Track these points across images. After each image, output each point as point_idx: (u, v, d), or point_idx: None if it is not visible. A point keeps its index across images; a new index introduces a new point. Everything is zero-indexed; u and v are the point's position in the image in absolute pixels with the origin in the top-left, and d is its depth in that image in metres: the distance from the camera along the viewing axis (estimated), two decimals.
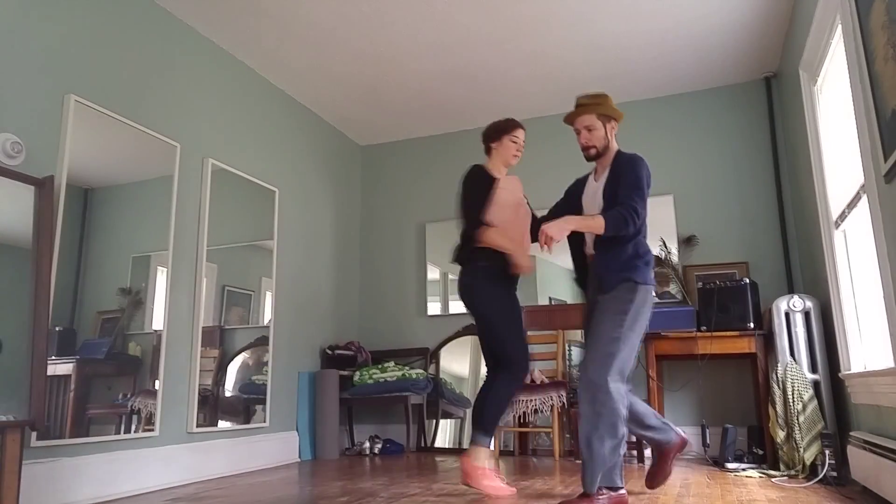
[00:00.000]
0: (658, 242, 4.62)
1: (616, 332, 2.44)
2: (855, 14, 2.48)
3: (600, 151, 2.80)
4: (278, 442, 4.26)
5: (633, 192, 2.56)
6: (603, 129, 2.79)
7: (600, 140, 2.79)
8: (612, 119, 2.80)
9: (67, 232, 2.92)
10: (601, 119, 2.79)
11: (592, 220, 2.51)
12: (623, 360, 2.44)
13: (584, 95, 2.83)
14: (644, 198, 2.57)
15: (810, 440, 3.25)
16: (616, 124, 2.83)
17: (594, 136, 2.79)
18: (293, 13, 3.73)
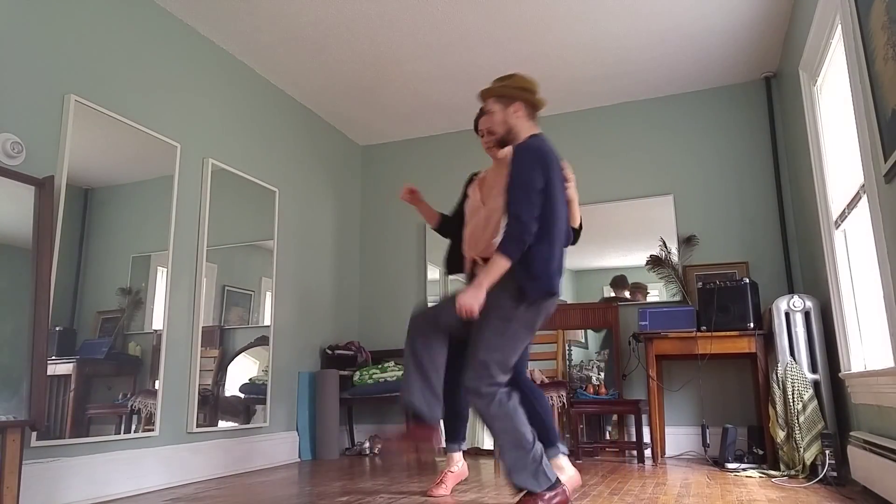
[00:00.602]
0: (658, 242, 4.63)
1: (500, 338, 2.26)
2: (855, 14, 2.48)
3: (503, 136, 2.49)
4: (278, 442, 4.26)
5: (515, 195, 2.26)
6: (502, 112, 2.48)
7: (499, 125, 2.49)
8: (516, 100, 2.45)
9: (67, 232, 2.92)
10: (500, 101, 2.48)
11: (496, 266, 2.23)
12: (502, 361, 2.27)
13: (496, 78, 2.57)
14: (527, 192, 2.24)
15: (810, 440, 3.25)
16: (521, 106, 2.46)
17: (493, 120, 2.51)
18: (293, 13, 3.73)
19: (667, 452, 4.35)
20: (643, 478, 3.29)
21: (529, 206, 2.24)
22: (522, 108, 2.46)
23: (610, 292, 4.74)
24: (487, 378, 2.24)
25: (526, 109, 2.47)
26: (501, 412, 2.24)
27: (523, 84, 2.48)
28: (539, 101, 2.49)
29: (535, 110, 2.50)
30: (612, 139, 4.95)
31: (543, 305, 2.31)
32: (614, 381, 4.46)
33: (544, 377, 4.39)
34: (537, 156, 2.30)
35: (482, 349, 2.26)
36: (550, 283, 2.26)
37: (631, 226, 4.77)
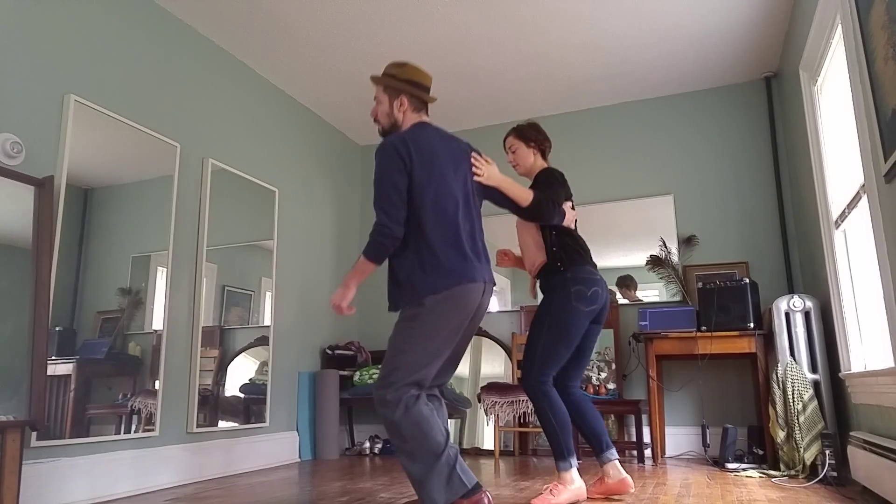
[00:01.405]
0: (658, 242, 4.63)
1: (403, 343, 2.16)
2: (855, 14, 2.48)
3: (385, 128, 2.40)
4: (278, 442, 4.26)
5: (375, 191, 2.19)
6: (388, 103, 2.38)
7: (384, 116, 2.40)
8: (402, 94, 2.35)
9: (67, 232, 2.92)
10: (387, 92, 2.38)
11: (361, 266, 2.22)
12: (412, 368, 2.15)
13: (390, 63, 2.44)
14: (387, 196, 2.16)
15: (810, 440, 3.25)
16: (407, 100, 2.36)
17: (379, 110, 2.41)
18: (293, 13, 3.73)
19: (667, 452, 4.35)
20: (643, 478, 3.29)
21: (388, 206, 2.17)
22: (408, 102, 2.37)
23: (615, 292, 4.74)
24: (391, 384, 2.12)
25: (412, 103, 2.37)
26: (407, 419, 2.09)
27: (414, 77, 2.38)
28: (426, 98, 2.40)
29: (424, 105, 2.41)
30: (612, 139, 4.95)
31: (441, 307, 2.15)
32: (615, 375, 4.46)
33: None
34: (392, 153, 2.20)
35: (387, 354, 2.19)
36: (414, 290, 2.16)
37: (631, 226, 4.77)
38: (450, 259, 2.19)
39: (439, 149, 2.29)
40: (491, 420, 4.41)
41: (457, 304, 2.17)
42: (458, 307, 2.18)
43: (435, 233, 2.19)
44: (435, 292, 2.15)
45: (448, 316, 2.17)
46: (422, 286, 2.15)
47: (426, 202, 2.20)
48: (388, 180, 2.18)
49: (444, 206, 2.23)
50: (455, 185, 2.29)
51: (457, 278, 2.17)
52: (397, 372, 2.13)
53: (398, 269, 2.21)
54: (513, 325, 4.95)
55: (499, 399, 4.31)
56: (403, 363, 2.14)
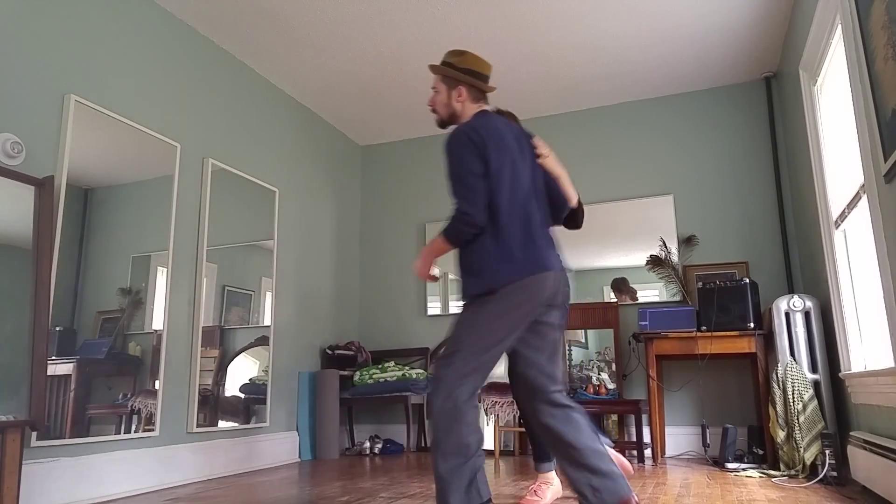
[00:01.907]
0: (658, 242, 4.63)
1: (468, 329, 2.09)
2: (855, 14, 2.48)
3: (444, 119, 2.36)
4: (278, 442, 4.26)
5: (452, 179, 2.12)
6: (446, 93, 2.33)
7: (442, 106, 2.35)
8: (461, 84, 2.31)
9: (67, 232, 2.92)
10: (445, 82, 2.33)
11: (438, 244, 2.16)
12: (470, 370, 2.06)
13: (448, 52, 2.40)
14: (466, 183, 2.10)
15: (810, 440, 3.25)
16: (465, 90, 2.31)
17: (436, 100, 2.37)
18: (293, 13, 3.73)
19: (667, 452, 4.35)
20: (643, 478, 3.29)
21: (469, 193, 2.09)
22: (466, 93, 2.32)
23: (610, 294, 4.74)
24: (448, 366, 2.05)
25: (471, 93, 2.33)
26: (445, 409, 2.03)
27: (472, 65, 2.34)
28: (487, 87, 2.36)
29: (483, 94, 2.37)
30: (612, 139, 4.95)
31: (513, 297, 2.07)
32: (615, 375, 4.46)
33: None
34: (466, 141, 2.14)
35: (450, 340, 2.12)
36: (487, 279, 2.09)
37: (631, 226, 4.77)
38: (523, 248, 2.12)
39: (507, 135, 2.23)
40: (491, 420, 4.41)
41: (529, 294, 2.09)
42: (531, 297, 2.09)
43: (509, 221, 2.13)
44: (509, 282, 2.07)
45: (519, 304, 2.08)
46: (496, 276, 2.08)
47: (502, 190, 2.14)
48: (465, 167, 2.11)
49: (517, 194, 2.17)
50: (524, 173, 2.23)
51: (531, 268, 2.10)
52: (457, 356, 2.05)
53: (471, 256, 2.14)
54: None
55: (499, 399, 4.31)
56: (465, 347, 2.05)
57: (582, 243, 4.85)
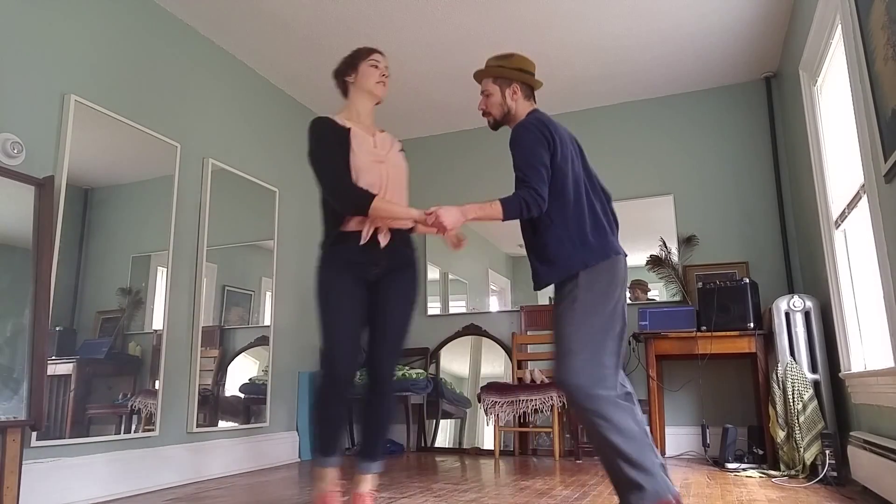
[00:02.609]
0: (658, 242, 4.63)
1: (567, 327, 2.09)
2: (855, 14, 2.48)
3: (498, 119, 2.43)
4: (278, 442, 4.26)
5: (523, 167, 2.15)
6: (500, 94, 2.39)
7: (496, 107, 2.40)
8: (514, 82, 2.39)
9: (67, 232, 2.92)
10: (497, 83, 2.40)
11: (490, 207, 2.12)
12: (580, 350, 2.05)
13: (492, 57, 2.47)
14: (537, 169, 2.14)
15: (810, 440, 3.25)
16: (519, 88, 2.39)
17: (490, 102, 2.42)
18: (293, 13, 3.73)
19: (667, 452, 4.35)
20: None
21: (540, 181, 2.13)
22: (520, 90, 2.39)
23: None
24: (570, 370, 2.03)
25: (524, 91, 2.40)
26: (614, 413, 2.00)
27: (522, 65, 2.42)
28: (536, 83, 2.43)
29: (532, 90, 2.44)
30: (612, 139, 4.95)
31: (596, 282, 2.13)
32: None
33: (544, 377, 4.39)
34: (537, 133, 2.20)
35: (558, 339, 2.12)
36: (566, 264, 2.14)
37: (631, 226, 4.76)
38: (595, 234, 2.22)
39: (564, 132, 2.35)
40: (491, 420, 4.41)
41: (611, 277, 2.16)
42: (613, 281, 2.16)
43: (577, 210, 2.22)
44: (587, 265, 2.13)
45: (605, 291, 2.13)
46: (574, 260, 2.14)
47: (569, 180, 2.22)
48: (537, 157, 2.16)
49: (580, 184, 2.27)
50: (579, 166, 2.33)
51: (605, 251, 2.19)
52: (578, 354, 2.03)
53: (548, 244, 2.18)
54: (513, 325, 4.95)
55: (499, 399, 4.31)
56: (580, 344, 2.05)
57: None
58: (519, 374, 4.59)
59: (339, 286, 2.36)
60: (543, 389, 4.25)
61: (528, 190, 2.11)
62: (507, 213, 2.11)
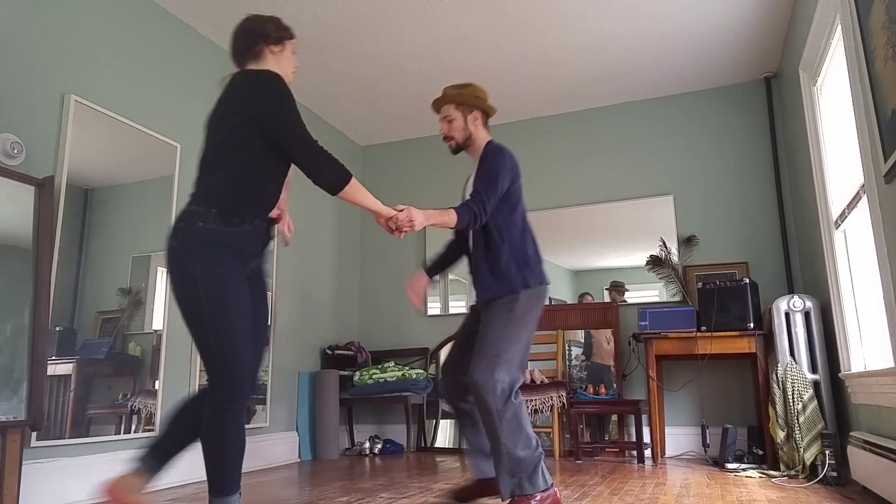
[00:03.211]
0: (658, 242, 4.63)
1: (502, 331, 2.34)
2: (855, 14, 2.48)
3: (460, 143, 2.63)
4: (278, 442, 4.26)
5: (484, 184, 2.40)
6: (462, 119, 2.60)
7: (458, 131, 2.61)
8: (475, 109, 2.61)
9: (67, 232, 2.92)
10: (460, 109, 2.61)
11: (447, 215, 2.29)
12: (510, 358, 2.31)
13: (449, 86, 2.66)
14: (495, 190, 2.40)
15: (810, 440, 3.25)
16: (480, 115, 2.62)
17: (452, 127, 2.62)
18: (293, 13, 3.73)
19: (667, 452, 4.35)
20: (643, 478, 3.29)
21: (492, 200, 2.39)
22: (480, 117, 2.62)
23: (606, 296, 4.75)
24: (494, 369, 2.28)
25: (483, 118, 2.63)
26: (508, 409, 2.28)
27: (479, 93, 2.64)
28: (492, 109, 2.67)
29: (489, 117, 2.68)
30: (612, 139, 4.96)
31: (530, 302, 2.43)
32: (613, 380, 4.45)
33: (544, 377, 4.39)
34: (510, 163, 2.49)
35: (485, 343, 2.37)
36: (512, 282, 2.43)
37: (631, 226, 4.77)
38: (536, 260, 2.51)
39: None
40: None
41: (540, 301, 2.47)
42: (540, 304, 2.47)
43: (526, 235, 2.52)
44: (528, 286, 2.42)
45: (534, 312, 2.44)
46: (518, 279, 2.42)
47: (520, 209, 2.54)
48: (500, 182, 2.43)
49: (526, 214, 2.58)
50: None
51: (542, 278, 2.49)
52: (498, 357, 2.29)
53: (499, 261, 2.44)
54: None
55: None
56: (503, 349, 2.31)
57: (582, 243, 4.86)
58: None
59: (237, 279, 1.93)
60: (543, 389, 4.25)
61: (480, 205, 2.35)
62: (460, 222, 2.32)
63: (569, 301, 4.84)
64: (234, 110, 1.97)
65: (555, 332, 4.66)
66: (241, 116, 1.95)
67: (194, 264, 1.85)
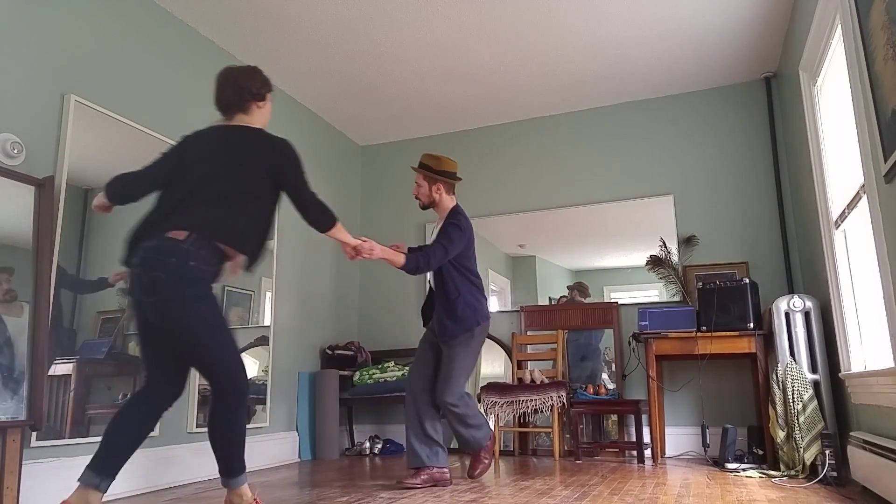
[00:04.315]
0: (658, 242, 4.63)
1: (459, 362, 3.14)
2: (855, 14, 2.48)
3: (426, 204, 3.30)
4: (278, 442, 4.26)
5: (438, 247, 3.06)
6: (427, 188, 3.27)
7: (424, 196, 3.29)
8: (438, 181, 3.25)
9: (67, 232, 2.92)
10: (426, 180, 3.27)
11: (398, 256, 2.96)
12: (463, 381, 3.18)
13: (427, 153, 3.32)
14: (446, 254, 3.07)
15: (810, 440, 3.25)
16: (443, 185, 3.26)
17: (420, 192, 3.30)
18: (293, 13, 3.73)
19: (667, 452, 4.35)
20: (643, 478, 3.29)
21: (443, 256, 3.07)
22: (443, 187, 3.27)
23: (611, 294, 4.75)
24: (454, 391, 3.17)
25: (446, 187, 3.28)
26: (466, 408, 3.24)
27: (446, 167, 3.26)
28: (457, 180, 3.32)
29: (454, 186, 3.31)
30: (613, 139, 4.96)
31: (480, 336, 3.25)
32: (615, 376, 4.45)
33: (544, 377, 4.39)
34: (467, 227, 3.18)
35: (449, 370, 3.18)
36: (467, 322, 3.17)
37: (631, 226, 4.77)
38: (482, 302, 3.26)
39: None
40: (491, 420, 4.41)
41: (485, 335, 3.29)
42: (484, 336, 3.28)
43: (476, 284, 3.24)
44: (479, 324, 3.19)
45: (481, 343, 3.27)
46: (472, 320, 3.16)
47: (473, 264, 3.26)
48: (452, 250, 3.11)
49: (477, 266, 3.30)
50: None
51: (487, 315, 3.27)
52: (459, 382, 3.15)
53: (457, 308, 3.14)
54: (513, 326, 4.95)
55: (499, 399, 4.31)
56: (462, 375, 3.17)
57: (582, 243, 4.86)
58: (519, 375, 4.59)
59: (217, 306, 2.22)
60: (543, 389, 4.25)
61: (426, 261, 3.01)
62: (406, 266, 2.99)
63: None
64: (252, 164, 2.31)
65: (554, 332, 4.66)
66: (259, 171, 2.31)
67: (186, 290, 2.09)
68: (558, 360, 4.55)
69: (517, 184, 5.17)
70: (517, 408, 4.25)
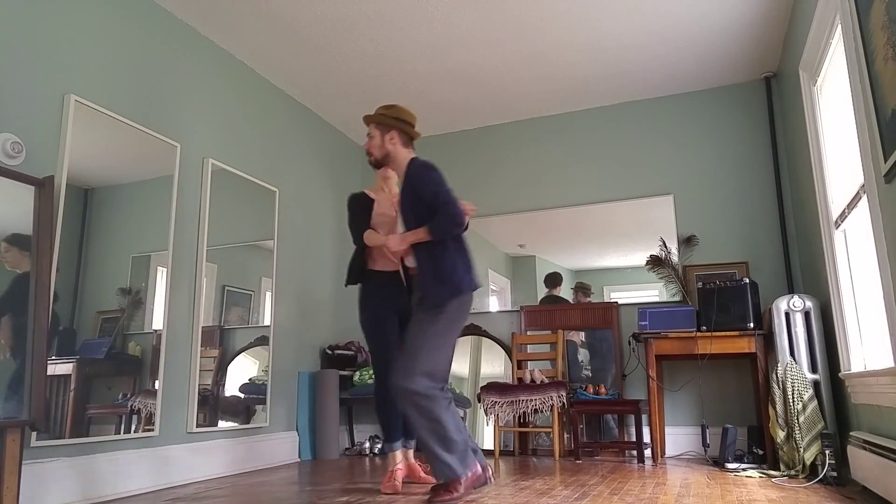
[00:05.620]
0: (658, 242, 4.63)
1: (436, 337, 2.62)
2: (855, 14, 2.48)
3: (378, 159, 2.91)
4: (278, 442, 4.26)
5: (443, 197, 2.66)
6: (379, 137, 2.89)
7: (376, 148, 2.91)
8: (392, 129, 2.87)
9: (67, 232, 2.92)
10: (378, 128, 2.90)
11: (422, 232, 2.67)
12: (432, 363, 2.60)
13: (381, 106, 3.00)
14: (441, 185, 2.68)
15: (810, 440, 3.25)
16: (397, 135, 2.87)
17: (371, 144, 2.92)
18: (293, 13, 3.73)
19: (667, 452, 4.35)
20: (643, 478, 3.29)
21: (458, 204, 2.65)
22: (398, 137, 2.86)
23: (610, 294, 4.75)
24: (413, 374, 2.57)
25: (401, 138, 2.87)
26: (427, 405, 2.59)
27: (401, 115, 2.89)
28: (414, 133, 2.92)
29: (411, 139, 2.92)
30: (613, 139, 4.96)
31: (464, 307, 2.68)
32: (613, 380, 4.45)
33: (544, 377, 4.39)
34: (441, 173, 2.74)
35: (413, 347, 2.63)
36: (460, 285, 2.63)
37: (631, 226, 4.77)
38: (471, 266, 2.73)
39: None
40: (491, 420, 4.41)
41: (470, 305, 2.72)
42: (469, 307, 2.72)
43: (463, 243, 2.75)
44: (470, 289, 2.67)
45: (466, 313, 2.70)
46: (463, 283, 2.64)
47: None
48: (445, 181, 2.70)
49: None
50: None
51: (476, 283, 2.72)
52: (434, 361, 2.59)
53: (445, 266, 2.64)
54: (513, 325, 4.95)
55: (499, 399, 4.31)
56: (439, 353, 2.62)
57: (582, 243, 4.86)
58: (519, 374, 4.59)
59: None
60: (543, 389, 4.25)
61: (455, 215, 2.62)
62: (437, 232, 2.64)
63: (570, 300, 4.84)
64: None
65: (555, 332, 4.66)
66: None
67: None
68: (558, 360, 4.55)
69: (517, 184, 5.16)
70: (517, 408, 4.25)
